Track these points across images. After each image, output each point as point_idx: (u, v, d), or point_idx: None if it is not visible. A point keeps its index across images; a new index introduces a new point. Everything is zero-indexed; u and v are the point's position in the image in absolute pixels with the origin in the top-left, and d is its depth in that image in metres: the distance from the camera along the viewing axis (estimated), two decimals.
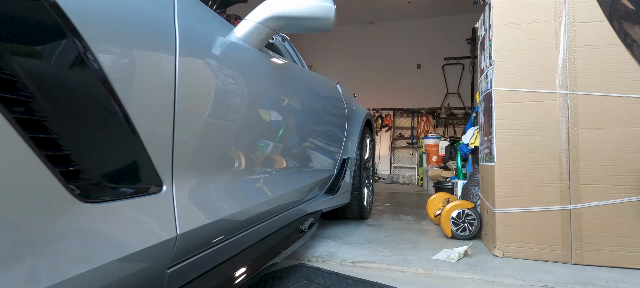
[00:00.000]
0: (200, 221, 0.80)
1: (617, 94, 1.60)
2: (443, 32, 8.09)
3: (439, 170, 4.84)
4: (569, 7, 1.68)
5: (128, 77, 0.64)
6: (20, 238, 0.47)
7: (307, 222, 1.59)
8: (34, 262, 0.48)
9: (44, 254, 0.49)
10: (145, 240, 0.65)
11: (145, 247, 0.65)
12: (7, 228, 0.45)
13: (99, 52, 0.57)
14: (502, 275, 1.43)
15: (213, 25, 0.96)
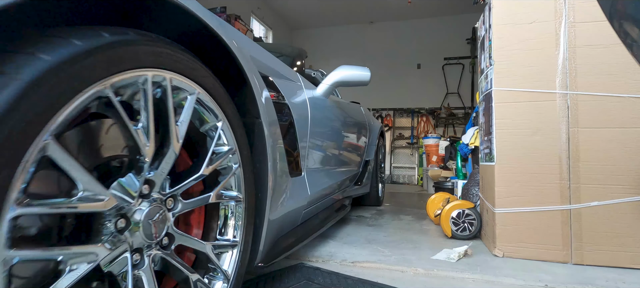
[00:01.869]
0: (314, 190, 1.55)
1: (617, 94, 1.60)
2: (443, 32, 8.09)
3: (439, 170, 4.84)
4: (569, 7, 1.68)
5: (298, 117, 1.40)
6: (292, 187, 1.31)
7: (346, 202, 2.43)
8: (297, 194, 1.34)
9: (292, 197, 1.30)
10: (303, 197, 1.42)
11: (303, 198, 1.41)
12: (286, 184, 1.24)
13: (293, 108, 1.34)
14: (502, 275, 1.43)
15: (315, 94, 1.79)
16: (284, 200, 1.22)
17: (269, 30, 8.18)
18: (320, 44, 9.09)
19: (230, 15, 5.57)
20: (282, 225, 1.27)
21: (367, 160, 2.91)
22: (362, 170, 2.78)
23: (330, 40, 9.00)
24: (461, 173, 3.42)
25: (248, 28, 6.07)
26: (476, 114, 2.70)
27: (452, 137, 6.01)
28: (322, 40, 9.06)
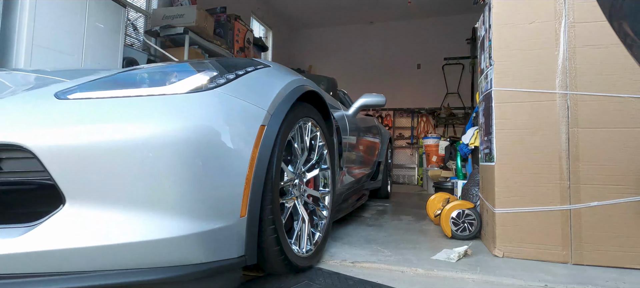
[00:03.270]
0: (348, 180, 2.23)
1: (617, 94, 1.60)
2: (443, 32, 8.09)
3: (439, 170, 4.84)
4: (569, 7, 1.68)
5: (341, 131, 2.04)
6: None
7: (365, 192, 3.09)
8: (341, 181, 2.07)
9: (340, 182, 2.04)
10: (344, 184, 2.10)
11: (343, 185, 2.09)
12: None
13: (340, 126, 2.03)
14: (502, 275, 1.43)
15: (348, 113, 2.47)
16: (338, 181, 1.94)
17: (268, 30, 8.18)
18: (320, 44, 9.09)
19: (230, 15, 5.57)
20: (339, 196, 1.98)
21: (379, 161, 3.62)
22: (376, 169, 3.47)
23: (330, 40, 9.00)
24: (461, 174, 3.42)
25: (248, 28, 6.06)
26: (476, 114, 2.70)
27: (452, 137, 6.01)
28: (322, 40, 9.06)
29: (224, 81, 1.10)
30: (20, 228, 0.85)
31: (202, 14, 4.50)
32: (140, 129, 0.90)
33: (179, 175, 0.91)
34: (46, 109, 0.91)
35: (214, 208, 0.98)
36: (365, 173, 2.84)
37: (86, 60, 3.04)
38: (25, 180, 0.88)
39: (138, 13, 4.69)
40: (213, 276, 1.00)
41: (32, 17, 2.63)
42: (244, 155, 1.07)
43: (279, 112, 1.23)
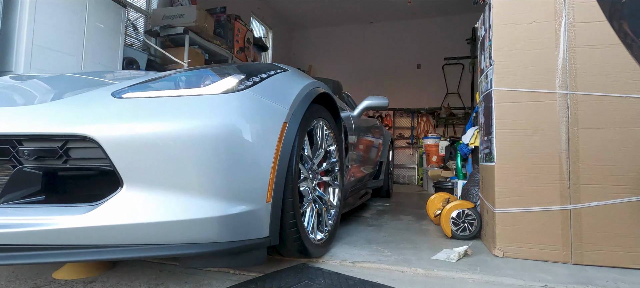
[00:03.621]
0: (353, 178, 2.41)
1: (617, 94, 1.60)
2: (443, 32, 8.09)
3: (439, 170, 4.84)
4: (569, 7, 1.68)
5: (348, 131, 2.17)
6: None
7: (369, 190, 3.29)
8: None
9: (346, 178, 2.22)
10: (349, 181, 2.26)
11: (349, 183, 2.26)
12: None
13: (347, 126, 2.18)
14: (502, 275, 1.43)
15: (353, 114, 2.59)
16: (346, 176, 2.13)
17: (268, 30, 8.18)
18: (320, 44, 9.09)
19: (231, 15, 5.57)
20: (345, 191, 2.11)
21: (381, 161, 3.76)
22: (378, 168, 3.65)
23: (330, 40, 9.00)
24: (461, 173, 3.42)
25: (248, 28, 6.07)
26: (476, 114, 2.70)
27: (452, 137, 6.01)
28: (322, 40, 9.06)
29: (251, 83, 1.27)
30: (86, 206, 1.01)
31: (202, 14, 4.50)
32: (183, 124, 1.06)
33: (216, 163, 1.08)
34: (105, 106, 1.07)
35: (246, 193, 1.15)
36: (368, 172, 3.01)
37: (86, 60, 3.04)
38: (90, 166, 1.05)
39: (138, 13, 4.69)
40: (243, 253, 1.18)
41: (32, 17, 2.63)
42: (270, 148, 1.23)
43: (298, 112, 1.40)
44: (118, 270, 1.43)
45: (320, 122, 1.66)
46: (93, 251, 1.00)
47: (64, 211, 1.01)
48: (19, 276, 1.34)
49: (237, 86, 1.21)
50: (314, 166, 1.66)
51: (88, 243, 1.00)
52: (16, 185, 1.05)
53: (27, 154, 1.03)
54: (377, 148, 3.41)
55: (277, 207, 1.25)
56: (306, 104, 1.45)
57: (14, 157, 1.04)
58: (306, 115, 1.45)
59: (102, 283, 1.29)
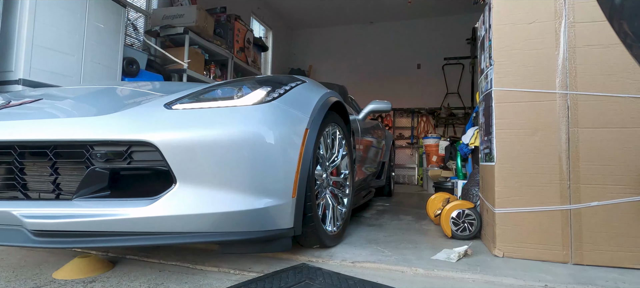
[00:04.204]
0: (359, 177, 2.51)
1: (617, 94, 1.60)
2: (443, 32, 8.09)
3: (439, 170, 4.84)
4: (569, 7, 1.68)
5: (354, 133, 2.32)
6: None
7: (372, 189, 3.42)
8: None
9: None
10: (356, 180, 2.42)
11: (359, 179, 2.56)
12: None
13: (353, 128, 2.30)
14: (502, 275, 1.43)
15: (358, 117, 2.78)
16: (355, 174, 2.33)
17: (269, 30, 8.18)
18: (320, 44, 9.08)
19: (231, 15, 5.57)
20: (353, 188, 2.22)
21: (383, 161, 3.93)
22: (381, 168, 3.81)
23: (330, 40, 9.00)
24: (461, 173, 3.42)
25: (248, 28, 6.06)
26: (476, 114, 2.70)
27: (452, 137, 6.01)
28: (322, 40, 9.06)
29: (278, 95, 1.47)
30: (147, 200, 1.21)
31: (202, 14, 4.50)
32: (223, 131, 1.26)
33: (251, 164, 1.29)
34: (160, 116, 1.27)
35: (276, 189, 1.35)
36: (371, 172, 3.18)
37: (86, 60, 3.04)
38: (149, 166, 1.25)
39: (138, 13, 4.69)
40: (273, 241, 1.39)
41: (32, 17, 2.63)
42: (295, 150, 1.43)
43: (317, 119, 1.61)
44: (118, 270, 1.43)
45: (333, 127, 1.88)
46: (154, 237, 1.21)
47: (130, 204, 1.21)
48: (18, 276, 1.34)
49: (265, 97, 1.42)
50: (328, 165, 1.86)
51: (150, 230, 1.20)
52: (88, 182, 1.24)
53: (98, 157, 1.23)
54: (379, 149, 3.58)
55: (301, 201, 1.45)
56: (323, 112, 1.66)
57: (87, 159, 1.24)
58: (323, 121, 1.66)
59: (102, 283, 1.29)
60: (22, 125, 1.28)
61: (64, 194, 1.26)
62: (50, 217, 1.18)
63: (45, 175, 1.27)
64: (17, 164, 1.27)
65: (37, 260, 1.54)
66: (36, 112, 1.37)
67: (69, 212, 1.20)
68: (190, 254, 1.66)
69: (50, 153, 1.25)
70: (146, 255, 1.61)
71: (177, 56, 4.36)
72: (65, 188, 1.26)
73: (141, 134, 1.20)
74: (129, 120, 1.25)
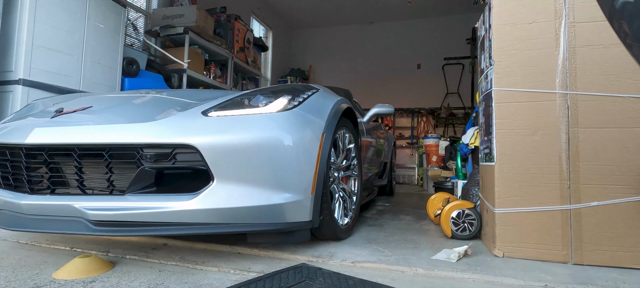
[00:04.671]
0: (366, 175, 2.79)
1: (617, 94, 1.60)
2: (443, 32, 8.09)
3: (439, 170, 4.84)
4: (569, 7, 1.68)
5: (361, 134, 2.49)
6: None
7: (375, 188, 3.55)
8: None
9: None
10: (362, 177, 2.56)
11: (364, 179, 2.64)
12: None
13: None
14: (502, 275, 1.43)
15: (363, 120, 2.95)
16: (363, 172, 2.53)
17: (268, 30, 8.18)
18: (320, 44, 9.08)
19: (230, 15, 5.57)
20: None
21: (385, 162, 4.08)
22: (383, 168, 3.96)
23: (330, 40, 9.00)
24: (461, 173, 3.42)
25: (248, 28, 6.06)
26: (476, 114, 2.70)
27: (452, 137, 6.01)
28: (322, 40, 9.06)
29: (297, 103, 1.64)
30: (189, 195, 1.40)
31: (202, 14, 4.50)
32: (252, 135, 1.45)
33: (276, 164, 1.47)
34: (199, 122, 1.45)
35: (297, 186, 1.53)
36: (375, 172, 3.38)
37: (86, 60, 3.04)
38: (190, 166, 1.43)
39: (138, 13, 4.69)
40: (294, 232, 1.60)
41: (32, 17, 2.63)
42: (314, 152, 1.61)
43: (332, 124, 1.78)
44: (118, 270, 1.43)
45: (345, 130, 2.07)
46: (195, 227, 1.40)
47: (175, 198, 1.40)
48: (18, 276, 1.34)
49: (287, 105, 1.60)
50: (340, 165, 2.05)
51: (192, 221, 1.39)
52: (139, 180, 1.42)
53: (147, 158, 1.41)
54: (382, 150, 3.77)
55: (318, 197, 1.62)
56: (337, 117, 1.84)
57: (138, 160, 1.41)
58: (336, 125, 1.84)
59: (102, 283, 1.29)
60: (82, 130, 1.47)
61: (117, 190, 1.45)
62: (107, 209, 1.38)
63: (101, 173, 1.47)
64: (77, 164, 1.47)
65: (37, 260, 1.54)
66: (91, 119, 1.57)
67: (123, 205, 1.38)
68: (190, 254, 1.66)
69: (106, 154, 1.43)
70: (146, 255, 1.61)
71: (177, 56, 4.36)
72: (118, 185, 1.46)
73: (185, 138, 1.39)
74: (174, 126, 1.44)
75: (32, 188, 1.54)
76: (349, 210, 2.10)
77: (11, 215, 1.53)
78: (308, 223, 1.60)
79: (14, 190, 1.60)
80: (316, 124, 1.68)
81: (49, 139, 1.47)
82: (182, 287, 1.27)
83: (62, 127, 1.50)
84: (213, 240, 1.86)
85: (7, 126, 1.70)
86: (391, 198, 4.32)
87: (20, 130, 1.56)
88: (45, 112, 1.77)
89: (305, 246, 1.81)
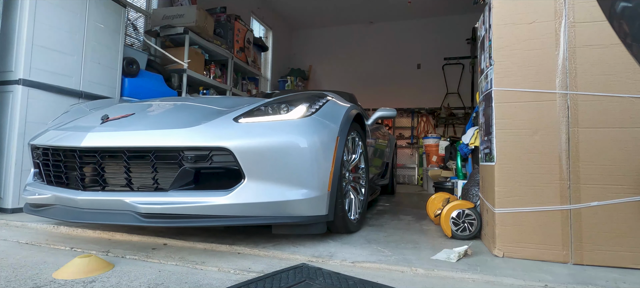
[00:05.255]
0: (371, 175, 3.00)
1: (617, 94, 1.60)
2: (443, 32, 8.09)
3: (439, 170, 4.84)
4: (569, 7, 1.68)
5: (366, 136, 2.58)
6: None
7: (378, 187, 3.69)
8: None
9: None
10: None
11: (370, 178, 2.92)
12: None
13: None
14: (502, 275, 1.43)
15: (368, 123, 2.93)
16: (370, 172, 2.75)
17: (269, 30, 8.18)
18: (320, 44, 9.08)
19: (230, 15, 5.57)
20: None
21: (387, 162, 4.27)
22: (385, 168, 4.14)
23: (330, 40, 8.99)
24: (461, 173, 3.41)
25: (248, 28, 6.06)
26: (476, 114, 2.70)
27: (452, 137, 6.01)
28: (322, 40, 9.06)
29: (314, 110, 1.85)
30: (223, 191, 1.62)
31: (202, 14, 4.49)
32: (277, 139, 1.67)
33: (299, 164, 1.69)
34: (231, 128, 1.67)
35: (316, 184, 1.74)
36: (378, 172, 3.58)
37: (86, 60, 3.04)
38: (224, 166, 1.65)
39: (138, 13, 4.69)
40: (313, 224, 1.84)
41: (32, 17, 2.63)
42: (330, 153, 1.83)
43: (345, 128, 1.99)
44: (118, 270, 1.43)
45: (354, 134, 2.25)
46: (229, 219, 1.62)
47: (212, 194, 1.61)
48: (18, 276, 1.34)
49: (306, 112, 1.80)
50: (350, 164, 2.22)
51: (227, 214, 1.61)
52: (180, 179, 1.65)
53: (188, 159, 1.62)
54: (384, 151, 3.96)
55: (333, 194, 1.83)
56: (349, 122, 2.05)
57: (179, 161, 1.63)
58: (348, 130, 2.05)
59: (102, 283, 1.29)
60: (131, 135, 1.68)
61: (161, 187, 1.66)
62: (154, 203, 1.60)
63: (147, 172, 1.68)
64: (126, 164, 1.68)
65: (37, 260, 1.54)
66: (136, 125, 1.77)
67: (168, 200, 1.60)
68: (190, 254, 1.66)
69: (152, 156, 1.65)
70: (146, 255, 1.61)
71: (177, 56, 4.36)
72: (161, 182, 1.67)
73: (220, 141, 1.60)
74: (211, 132, 1.65)
75: (84, 186, 1.76)
76: (357, 206, 2.27)
77: (67, 209, 1.75)
78: (324, 217, 1.79)
79: (66, 187, 1.83)
80: (331, 129, 1.88)
81: (102, 142, 1.69)
82: (182, 287, 1.27)
83: (113, 132, 1.71)
84: (213, 240, 1.86)
85: (57, 133, 1.92)
86: (391, 198, 4.32)
87: (74, 135, 1.77)
88: (91, 118, 2.00)
89: (305, 246, 1.81)
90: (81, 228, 2.09)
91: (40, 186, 1.97)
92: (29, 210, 1.97)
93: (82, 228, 2.07)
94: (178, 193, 1.62)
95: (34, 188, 1.98)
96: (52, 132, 1.97)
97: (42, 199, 1.87)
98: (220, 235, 2.00)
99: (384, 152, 3.93)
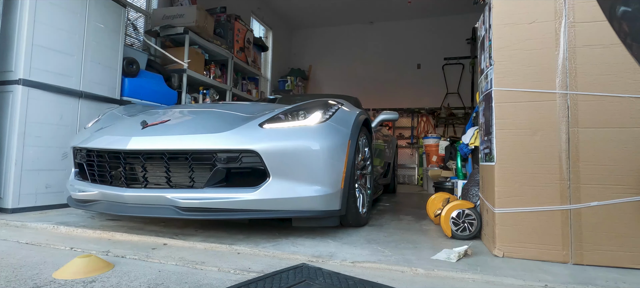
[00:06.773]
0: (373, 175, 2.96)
1: (617, 94, 1.60)
2: (443, 32, 8.08)
3: (439, 170, 4.84)
4: (569, 7, 1.68)
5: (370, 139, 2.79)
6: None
7: (380, 187, 3.88)
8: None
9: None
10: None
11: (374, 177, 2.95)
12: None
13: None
14: (502, 275, 1.43)
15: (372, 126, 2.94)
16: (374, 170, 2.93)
17: (269, 30, 8.18)
18: (320, 44, 9.08)
19: (230, 15, 5.57)
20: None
21: (389, 162, 4.47)
22: (387, 168, 4.35)
23: (330, 40, 8.99)
24: (461, 173, 3.41)
25: (248, 28, 6.06)
26: (476, 114, 2.70)
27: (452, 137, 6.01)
28: (322, 40, 9.06)
29: (328, 116, 2.04)
30: (252, 188, 1.83)
31: (202, 14, 4.49)
32: (298, 142, 1.87)
33: (316, 165, 1.88)
34: (258, 133, 1.88)
35: (331, 182, 1.93)
36: (380, 171, 3.76)
37: (86, 60, 3.04)
38: (252, 166, 1.85)
39: (138, 13, 4.69)
40: (328, 218, 2.03)
41: (32, 17, 2.63)
42: (343, 155, 2.02)
43: (355, 132, 2.19)
44: (118, 270, 1.43)
45: (362, 137, 2.42)
46: (256, 213, 1.83)
47: (241, 191, 1.83)
48: (18, 276, 1.34)
49: (322, 119, 2.00)
50: (359, 164, 2.39)
51: (254, 208, 1.82)
52: (214, 177, 1.86)
53: (221, 160, 1.84)
54: (387, 152, 4.18)
55: (345, 190, 2.03)
56: (358, 127, 2.26)
57: (213, 162, 1.85)
58: (358, 134, 2.25)
59: (102, 283, 1.29)
60: (170, 139, 1.90)
61: (196, 184, 1.88)
62: (192, 199, 1.81)
63: (184, 172, 1.90)
64: (166, 165, 1.90)
65: (37, 260, 1.54)
66: (173, 130, 1.97)
67: (204, 196, 1.81)
68: (190, 254, 1.66)
69: (189, 157, 1.87)
70: (146, 255, 1.61)
71: (177, 56, 4.36)
72: (197, 181, 1.88)
73: (249, 145, 1.81)
74: (240, 136, 1.86)
75: (128, 184, 1.97)
76: (365, 203, 2.46)
77: (113, 204, 1.97)
78: (337, 211, 1.99)
79: (110, 185, 2.04)
80: (344, 133, 2.07)
81: (145, 145, 1.90)
82: (182, 287, 1.27)
83: (154, 137, 1.93)
84: (213, 240, 1.86)
85: (99, 136, 2.13)
86: (392, 197, 4.32)
87: (119, 139, 1.99)
88: (130, 123, 2.21)
89: (305, 246, 1.81)
90: (81, 228, 2.09)
91: (84, 184, 2.17)
92: (75, 205, 2.18)
93: (82, 228, 2.08)
94: (212, 190, 1.82)
95: (77, 185, 2.18)
96: (94, 135, 2.18)
97: (88, 196, 2.07)
98: (220, 235, 2.00)
99: (386, 153, 4.13)
